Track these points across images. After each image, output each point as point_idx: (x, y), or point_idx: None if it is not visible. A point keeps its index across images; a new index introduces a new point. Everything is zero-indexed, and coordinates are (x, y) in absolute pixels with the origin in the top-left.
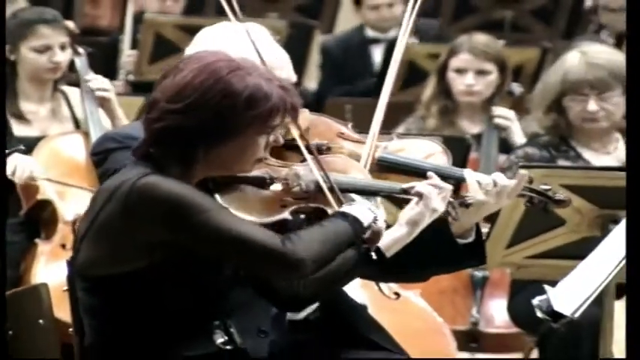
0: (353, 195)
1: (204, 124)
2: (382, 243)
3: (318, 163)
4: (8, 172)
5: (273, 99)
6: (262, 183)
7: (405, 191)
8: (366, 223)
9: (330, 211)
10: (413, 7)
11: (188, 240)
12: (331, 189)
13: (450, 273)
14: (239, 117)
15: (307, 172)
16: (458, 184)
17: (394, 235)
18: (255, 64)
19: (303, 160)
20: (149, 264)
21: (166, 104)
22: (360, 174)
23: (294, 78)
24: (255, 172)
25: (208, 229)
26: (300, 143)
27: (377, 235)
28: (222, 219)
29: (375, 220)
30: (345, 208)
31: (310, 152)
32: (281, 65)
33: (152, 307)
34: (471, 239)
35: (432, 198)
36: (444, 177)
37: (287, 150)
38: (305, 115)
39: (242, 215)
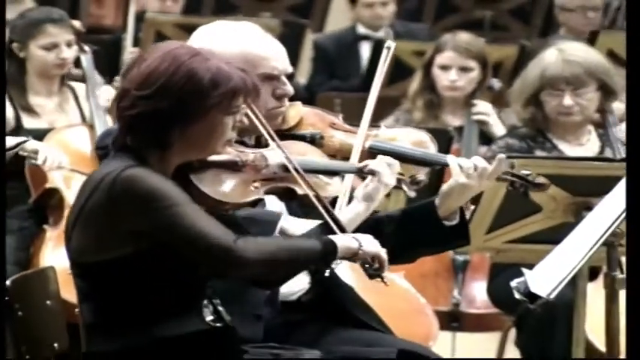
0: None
1: (173, 106)
2: (344, 218)
3: (280, 147)
4: (39, 161)
5: (235, 80)
6: (234, 166)
7: (360, 170)
8: (342, 249)
9: (298, 190)
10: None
11: (156, 229)
12: (295, 170)
13: (438, 253)
14: (204, 98)
15: (273, 155)
16: (442, 168)
17: (354, 210)
18: (213, 51)
19: (267, 145)
20: (136, 251)
21: (136, 92)
22: (318, 156)
23: (290, 69)
24: (228, 157)
25: (172, 220)
26: (262, 129)
27: (379, 259)
28: (187, 212)
29: (360, 246)
30: (334, 237)
31: (272, 138)
32: (276, 57)
33: (141, 291)
34: (455, 221)
35: (385, 174)
36: (430, 162)
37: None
38: (298, 108)
39: (220, 197)
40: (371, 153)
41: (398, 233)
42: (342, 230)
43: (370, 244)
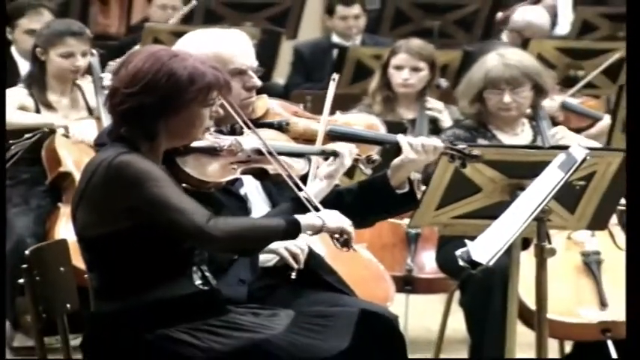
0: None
1: (157, 101)
2: (307, 220)
3: (255, 133)
4: (70, 133)
5: (209, 76)
6: (213, 151)
7: (323, 151)
8: (305, 226)
9: (270, 169)
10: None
11: (144, 205)
12: (269, 152)
13: (392, 217)
14: (184, 92)
15: (247, 140)
16: (399, 148)
17: (316, 188)
18: (189, 52)
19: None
20: (130, 225)
21: (125, 89)
22: (285, 141)
23: (255, 64)
24: (207, 143)
25: (157, 198)
26: (238, 118)
27: (343, 232)
28: (169, 193)
29: (324, 223)
30: (298, 216)
31: (248, 126)
32: (244, 54)
33: (137, 260)
34: (406, 189)
35: (345, 156)
36: (383, 141)
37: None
38: (265, 99)
39: (205, 176)
40: (331, 136)
41: (357, 202)
42: (310, 202)
43: (333, 220)
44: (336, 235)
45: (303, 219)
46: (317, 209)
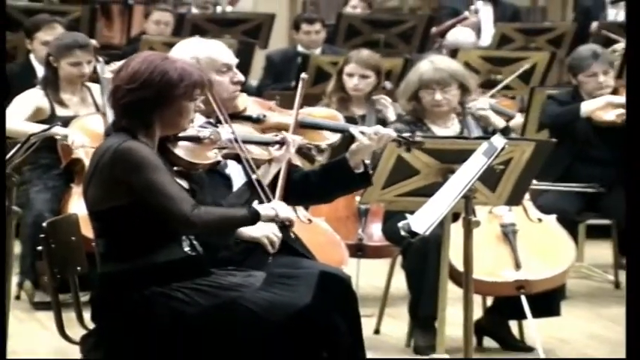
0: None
1: (153, 95)
2: (266, 178)
3: (228, 122)
4: (69, 141)
5: (195, 76)
6: (198, 139)
7: (277, 141)
8: (264, 217)
9: (242, 155)
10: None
11: (140, 188)
12: (235, 140)
13: (351, 193)
14: (174, 88)
15: (224, 131)
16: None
17: (272, 171)
18: (177, 57)
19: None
20: (130, 201)
21: (126, 86)
22: (255, 132)
23: (235, 61)
24: (193, 133)
25: (151, 182)
26: (219, 113)
27: (289, 220)
28: (163, 181)
29: (276, 214)
30: (256, 207)
31: (225, 119)
32: (227, 54)
33: (136, 230)
34: (361, 170)
35: (290, 144)
36: (340, 130)
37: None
38: (244, 97)
39: (194, 159)
40: (300, 126)
41: (322, 182)
42: (260, 185)
43: (283, 211)
44: (286, 223)
45: (262, 210)
46: (263, 189)
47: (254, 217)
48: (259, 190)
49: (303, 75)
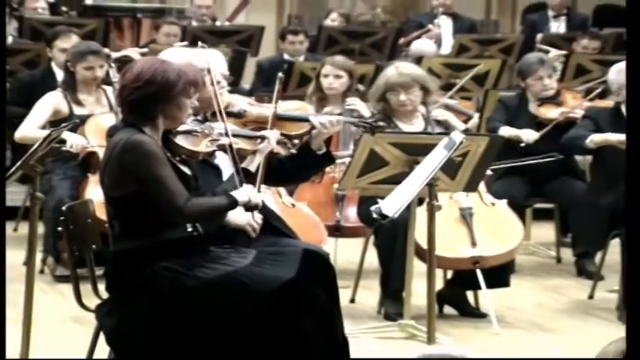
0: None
1: (155, 93)
2: (252, 166)
3: (224, 119)
4: (67, 147)
5: (190, 76)
6: (194, 132)
7: (259, 136)
8: (240, 202)
9: (230, 147)
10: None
11: (144, 178)
12: (225, 134)
13: (319, 172)
14: (174, 86)
15: (217, 126)
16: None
17: (256, 160)
18: (172, 62)
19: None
20: (140, 188)
21: (132, 85)
22: (241, 128)
23: (227, 72)
24: (190, 127)
25: (155, 175)
26: (216, 108)
27: (258, 205)
28: (165, 174)
29: (249, 200)
30: (233, 193)
31: (221, 114)
32: (216, 63)
33: (145, 213)
34: (323, 151)
35: (271, 138)
36: (304, 119)
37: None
38: (226, 95)
39: (194, 147)
40: (278, 117)
41: (294, 165)
42: (239, 174)
43: (255, 197)
44: (258, 206)
45: (239, 197)
46: (240, 177)
47: (233, 203)
48: (247, 176)
49: (280, 75)
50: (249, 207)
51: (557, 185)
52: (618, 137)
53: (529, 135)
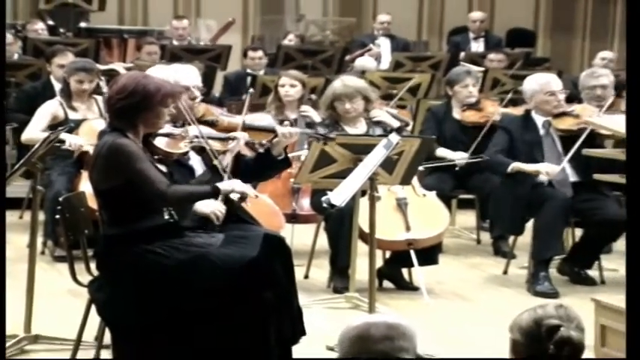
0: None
1: (138, 101)
2: (223, 164)
3: (196, 124)
4: (66, 145)
5: (167, 88)
6: (171, 135)
7: (229, 137)
8: (223, 192)
9: (206, 147)
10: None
11: (129, 174)
12: (202, 136)
13: (278, 174)
14: (153, 97)
15: (191, 130)
16: (272, 129)
17: (227, 159)
18: (151, 75)
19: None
20: (123, 182)
21: (117, 96)
22: (214, 131)
23: (200, 84)
24: (167, 131)
25: (137, 169)
26: (187, 116)
27: (244, 193)
28: (146, 168)
29: (233, 189)
30: (218, 184)
31: (192, 121)
32: (186, 75)
33: (128, 203)
34: (282, 157)
35: (240, 139)
36: (270, 129)
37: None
38: (204, 106)
39: (169, 149)
40: (244, 127)
41: (257, 166)
42: (221, 167)
43: (238, 186)
44: (239, 196)
45: (221, 186)
46: (225, 171)
47: (215, 192)
48: (220, 172)
49: (251, 90)
50: (242, 197)
51: (478, 179)
52: (531, 168)
53: (460, 157)
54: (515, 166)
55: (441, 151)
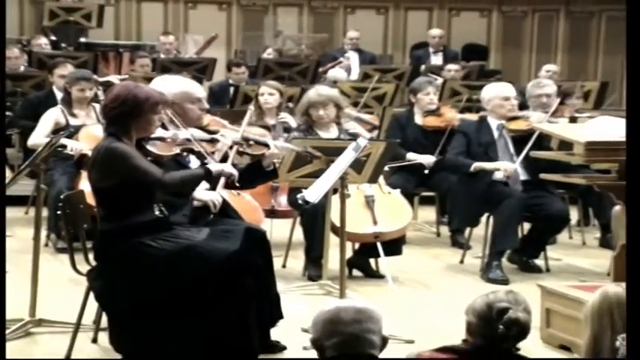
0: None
1: (130, 109)
2: (214, 168)
3: (186, 128)
4: (68, 150)
5: (157, 96)
6: (162, 139)
7: (213, 138)
8: (214, 172)
9: (195, 148)
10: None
11: (127, 170)
12: (192, 138)
13: (266, 182)
14: (143, 105)
15: (181, 133)
16: (267, 144)
17: (217, 158)
18: (144, 85)
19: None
20: (118, 182)
21: (111, 104)
22: (204, 133)
23: (204, 95)
24: (158, 135)
25: (132, 165)
26: (177, 121)
27: (232, 175)
28: (140, 163)
29: (222, 170)
30: (209, 165)
31: (184, 126)
32: (199, 90)
33: (123, 201)
34: (271, 168)
35: (227, 137)
36: (265, 144)
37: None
38: (208, 117)
39: (160, 152)
40: (243, 138)
41: (248, 175)
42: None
43: (227, 168)
44: (231, 177)
45: (212, 167)
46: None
47: (207, 173)
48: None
49: (250, 106)
50: (229, 181)
51: (438, 178)
52: (491, 166)
53: (428, 159)
54: (477, 165)
55: (411, 155)
